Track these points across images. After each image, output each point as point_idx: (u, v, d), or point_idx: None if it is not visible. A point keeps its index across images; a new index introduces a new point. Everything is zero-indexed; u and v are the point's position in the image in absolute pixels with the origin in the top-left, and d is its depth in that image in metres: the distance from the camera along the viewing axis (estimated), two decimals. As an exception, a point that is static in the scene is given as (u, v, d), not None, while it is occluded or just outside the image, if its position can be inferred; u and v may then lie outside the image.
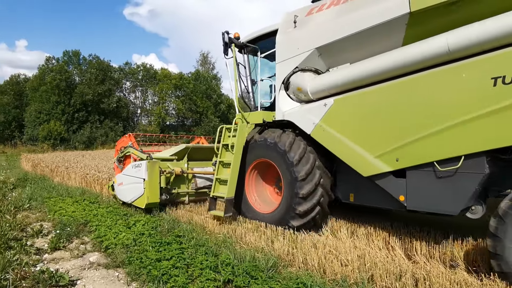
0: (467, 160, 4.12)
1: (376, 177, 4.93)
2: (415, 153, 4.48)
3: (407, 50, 4.57)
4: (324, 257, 4.31)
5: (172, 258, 4.30)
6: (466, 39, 4.03)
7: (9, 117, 35.86)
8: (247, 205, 6.42)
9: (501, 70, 3.81)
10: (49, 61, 36.19)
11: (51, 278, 3.80)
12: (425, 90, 4.38)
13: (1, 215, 6.41)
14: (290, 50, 5.95)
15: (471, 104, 4.02)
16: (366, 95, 4.96)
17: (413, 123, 4.48)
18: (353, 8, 5.19)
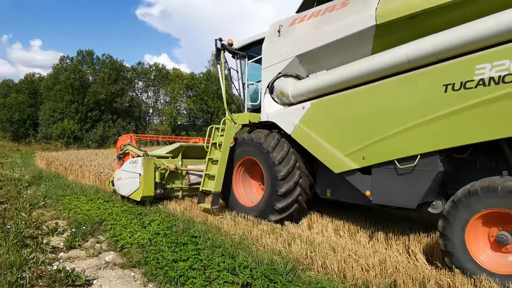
0: (422, 158, 4.59)
1: (346, 174, 5.43)
2: (378, 152, 4.98)
3: (373, 59, 5.08)
4: (343, 261, 4.20)
5: (189, 259, 4.24)
6: (422, 50, 4.51)
7: (23, 115, 36.42)
8: (234, 199, 6.99)
9: (451, 78, 4.26)
10: (63, 60, 36.69)
11: (68, 278, 3.76)
12: (387, 96, 4.89)
13: (17, 212, 6.44)
14: (274, 57, 6.52)
15: (425, 108, 4.50)
16: (338, 100, 5.51)
17: (376, 125, 4.97)
18: (329, 20, 5.72)
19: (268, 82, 6.63)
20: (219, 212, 6.68)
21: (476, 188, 3.93)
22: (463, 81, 4.19)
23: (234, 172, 7.00)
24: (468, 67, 4.17)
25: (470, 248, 3.95)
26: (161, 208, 7.10)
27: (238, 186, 7.06)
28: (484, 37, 4.08)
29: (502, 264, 3.82)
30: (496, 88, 3.98)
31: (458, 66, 4.26)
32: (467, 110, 4.17)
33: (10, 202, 7.43)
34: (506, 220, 3.85)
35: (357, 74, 5.25)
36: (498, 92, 3.96)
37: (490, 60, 4.03)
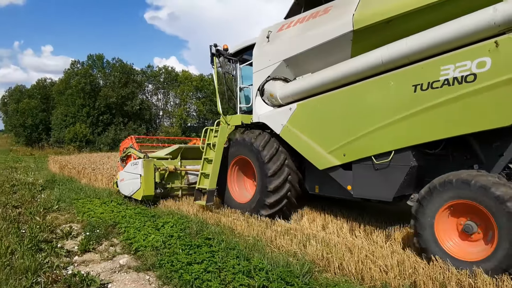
0: (396, 154, 4.95)
1: (329, 170, 5.81)
2: (357, 149, 5.36)
3: (351, 63, 5.43)
4: (361, 262, 4.11)
5: (203, 261, 4.19)
6: (395, 53, 4.82)
7: (36, 120, 36.88)
8: (228, 196, 7.42)
9: (419, 79, 4.59)
10: (74, 65, 37.11)
11: (82, 282, 3.75)
12: (363, 96, 5.25)
13: (31, 216, 6.48)
14: (264, 61, 6.89)
15: (396, 108, 4.83)
16: (320, 101, 5.88)
17: (355, 124, 5.34)
18: (312, 26, 6.11)
19: (258, 85, 6.97)
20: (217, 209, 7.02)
21: (452, 179, 4.20)
22: (430, 81, 4.53)
23: (229, 171, 7.43)
24: (434, 68, 4.50)
25: (438, 233, 4.29)
26: (174, 210, 7.08)
27: (232, 184, 7.47)
28: (448, 40, 4.40)
29: (467, 252, 4.14)
30: (459, 87, 4.31)
31: (425, 68, 4.58)
32: (434, 108, 4.51)
33: (25, 206, 7.48)
34: (474, 212, 4.13)
35: (337, 76, 5.60)
36: (461, 91, 4.29)
37: (454, 62, 4.35)
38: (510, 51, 4.01)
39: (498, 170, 4.58)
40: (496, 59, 4.08)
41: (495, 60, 4.09)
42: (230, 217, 6.45)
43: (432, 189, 4.35)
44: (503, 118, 4.11)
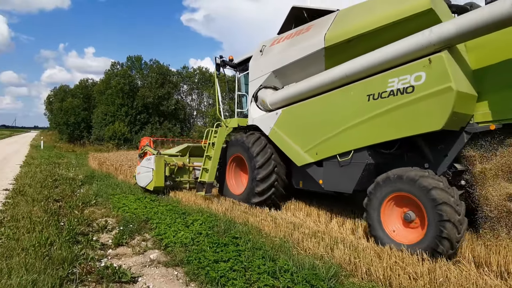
0: (355, 153, 5.93)
1: (306, 166, 6.84)
2: (326, 149, 6.37)
3: (323, 75, 6.42)
4: (389, 269, 4.01)
5: (230, 260, 4.25)
6: (354, 67, 5.79)
7: (78, 118, 38.61)
8: (226, 188, 8.66)
9: (372, 90, 5.51)
10: (114, 66, 38.51)
11: (114, 274, 3.91)
12: (330, 104, 6.27)
13: (70, 210, 6.82)
14: (257, 72, 8.06)
15: (355, 114, 5.78)
16: (299, 107, 6.95)
17: (324, 127, 6.35)
18: (296, 42, 7.14)
19: (253, 92, 8.13)
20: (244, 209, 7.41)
21: (390, 175, 5.09)
22: (379, 92, 5.42)
23: (227, 167, 8.67)
24: (383, 81, 5.39)
25: (384, 221, 5.12)
26: (204, 208, 7.21)
27: (230, 178, 8.69)
28: (394, 57, 5.27)
29: (407, 236, 4.94)
30: (401, 97, 5.16)
31: (376, 80, 5.49)
32: (382, 114, 5.39)
33: (65, 200, 7.88)
34: (411, 202, 4.92)
35: (312, 87, 6.63)
36: (403, 100, 5.14)
37: (398, 75, 5.23)
38: (439, 67, 4.80)
39: (444, 169, 5.35)
40: (429, 73, 4.90)
41: (428, 74, 4.91)
42: (257, 217, 6.48)
43: (376, 185, 5.21)
44: (434, 123, 4.87)
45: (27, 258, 4.01)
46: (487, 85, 5.19)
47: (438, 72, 4.81)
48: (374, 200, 5.22)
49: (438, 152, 5.45)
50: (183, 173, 9.74)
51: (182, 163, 9.49)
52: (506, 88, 4.94)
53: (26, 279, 3.45)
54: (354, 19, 6.12)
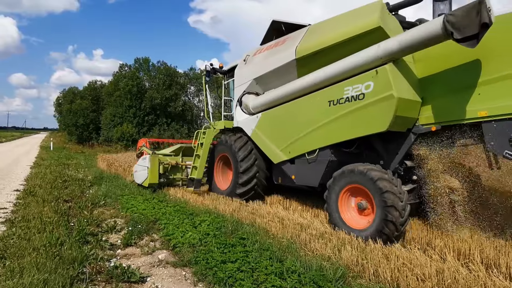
0: (320, 152, 6.81)
1: (281, 164, 7.73)
2: (297, 148, 7.21)
3: (295, 83, 7.22)
4: (397, 270, 4.00)
5: (237, 260, 4.27)
6: (319, 77, 6.63)
7: (87, 120, 39.02)
8: (214, 185, 9.61)
9: (332, 96, 6.36)
10: (122, 68, 38.81)
11: (124, 274, 3.96)
12: (300, 108, 7.10)
13: (80, 211, 6.91)
14: (241, 79, 8.95)
15: (319, 117, 6.61)
16: (275, 111, 7.85)
17: (295, 129, 7.20)
18: (274, 53, 8.04)
19: (238, 97, 8.97)
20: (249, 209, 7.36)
21: (344, 170, 5.89)
22: (338, 98, 6.26)
23: (215, 166, 9.58)
24: (340, 89, 6.23)
25: (341, 210, 5.90)
26: (211, 209, 7.25)
27: (218, 175, 9.61)
28: (349, 69, 6.10)
29: (359, 222, 5.70)
30: (354, 103, 6.00)
31: (335, 89, 6.34)
32: (339, 118, 6.25)
33: (74, 200, 7.98)
34: (363, 193, 5.66)
35: (285, 93, 7.47)
36: (355, 105, 5.98)
37: (352, 84, 6.06)
38: (384, 77, 5.59)
39: (395, 165, 6.15)
40: (376, 83, 5.69)
41: (375, 84, 5.70)
42: (265, 218, 6.51)
43: (334, 179, 6.02)
44: (380, 125, 5.65)
45: (38, 257, 4.07)
46: (429, 92, 5.92)
47: (383, 82, 5.60)
48: (332, 192, 6.02)
49: (390, 151, 6.26)
50: (176, 171, 10.54)
51: (175, 162, 10.35)
52: (444, 95, 5.70)
53: (38, 278, 3.51)
54: (320, 35, 6.99)
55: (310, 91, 6.87)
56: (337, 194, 5.94)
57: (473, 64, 5.34)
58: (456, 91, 5.53)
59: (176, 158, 10.66)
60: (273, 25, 8.78)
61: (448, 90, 5.65)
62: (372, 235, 5.22)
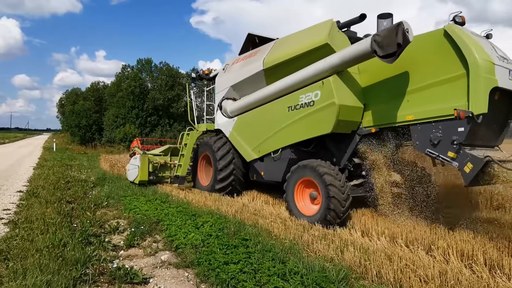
0: (282, 151, 7.93)
1: (252, 162, 8.88)
2: (265, 147, 8.30)
3: (263, 91, 8.25)
4: (400, 271, 3.99)
5: (240, 262, 4.27)
6: (280, 86, 7.66)
7: (90, 121, 39.09)
8: (198, 181, 10.59)
9: (290, 103, 7.40)
10: (125, 69, 38.88)
11: (126, 275, 3.96)
12: (267, 113, 8.17)
13: (83, 211, 6.92)
14: (221, 86, 10.01)
15: (281, 121, 7.66)
16: (248, 115, 8.91)
17: (263, 131, 8.27)
18: (247, 63, 9.05)
19: (218, 102, 10.02)
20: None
21: (299, 165, 6.98)
22: (294, 105, 7.30)
23: (198, 164, 10.60)
24: (296, 96, 7.27)
25: (296, 199, 7.00)
26: (214, 210, 7.25)
27: (201, 173, 10.61)
28: (304, 79, 7.10)
29: (310, 210, 6.79)
30: (307, 109, 7.05)
31: (293, 96, 7.38)
32: (295, 122, 7.30)
33: (77, 202, 8.00)
34: (313, 185, 6.71)
35: (256, 99, 8.50)
36: (307, 111, 7.03)
37: (305, 93, 7.10)
38: (328, 87, 6.62)
39: (345, 162, 7.06)
40: (323, 92, 6.73)
41: (322, 93, 6.73)
42: (267, 219, 6.50)
43: (291, 173, 7.13)
44: (325, 128, 6.65)
45: (41, 259, 4.08)
46: (370, 99, 6.82)
47: (327, 91, 6.62)
48: (290, 184, 7.10)
49: (340, 150, 7.18)
50: (165, 170, 11.40)
51: (164, 161, 11.24)
52: (382, 102, 6.58)
53: (41, 279, 3.52)
54: (283, 48, 7.98)
55: (274, 98, 7.90)
56: (293, 185, 7.03)
57: (404, 75, 6.21)
58: (390, 98, 6.38)
59: (165, 157, 11.50)
60: (249, 38, 9.80)
61: (385, 97, 6.53)
62: (318, 220, 6.30)
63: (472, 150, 5.49)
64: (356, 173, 7.12)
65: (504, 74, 5.58)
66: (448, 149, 5.55)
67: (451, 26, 5.67)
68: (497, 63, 5.47)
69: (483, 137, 5.84)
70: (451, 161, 5.52)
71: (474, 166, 5.17)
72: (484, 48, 5.51)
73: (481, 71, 5.27)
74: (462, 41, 5.43)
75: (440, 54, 5.74)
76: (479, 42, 5.55)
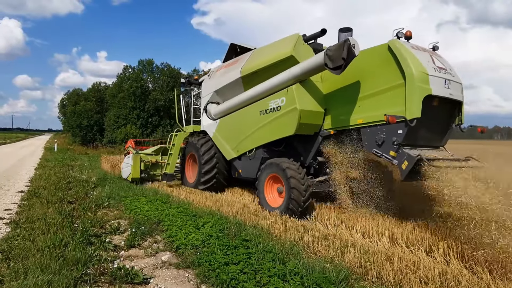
0: (256, 150, 8.81)
1: (232, 160, 9.75)
2: (242, 147, 9.15)
3: (241, 96, 9.17)
4: (400, 272, 4.00)
5: (240, 262, 4.27)
6: (255, 92, 8.60)
7: (91, 121, 39.15)
8: (185, 179, 11.40)
9: (262, 107, 8.32)
10: (126, 70, 38.89)
11: (127, 275, 3.97)
12: (243, 116, 9.07)
13: (84, 212, 6.93)
14: (206, 91, 10.97)
15: (254, 123, 8.56)
16: (228, 118, 9.81)
17: (240, 132, 9.15)
18: (228, 71, 9.88)
19: (204, 105, 10.94)
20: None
21: (267, 163, 7.85)
22: (265, 109, 8.25)
23: (186, 163, 11.43)
24: (267, 102, 8.22)
25: (266, 193, 7.84)
26: (214, 211, 7.26)
27: (188, 171, 11.43)
28: (273, 87, 8.05)
29: (277, 202, 7.57)
30: (275, 113, 7.98)
31: (264, 101, 8.32)
32: (266, 124, 8.22)
33: (78, 202, 8.02)
34: (279, 180, 7.50)
35: (235, 104, 9.43)
36: (275, 115, 7.96)
37: (273, 99, 8.03)
38: (291, 94, 7.55)
39: (310, 160, 7.98)
40: (287, 98, 7.65)
41: (287, 99, 7.66)
42: (268, 220, 6.51)
43: (261, 170, 7.97)
44: (289, 130, 7.58)
45: (42, 259, 4.10)
46: (330, 104, 7.67)
47: (291, 97, 7.54)
48: (260, 180, 7.91)
49: (306, 150, 8.08)
50: (157, 168, 12.20)
51: (155, 160, 12.12)
52: (339, 107, 7.44)
53: (42, 279, 3.53)
54: (257, 58, 8.79)
55: (250, 103, 8.81)
56: (263, 181, 7.85)
57: (357, 84, 7.04)
58: (346, 104, 7.22)
59: (156, 156, 12.39)
60: (232, 47, 10.66)
61: (341, 103, 7.36)
62: (283, 210, 7.09)
63: (412, 149, 6.20)
64: (321, 170, 7.96)
65: (440, 83, 6.23)
66: (390, 149, 6.35)
67: (393, 41, 6.38)
68: (431, 74, 6.14)
69: (426, 138, 6.62)
70: (392, 159, 6.31)
71: (409, 163, 5.93)
72: (421, 60, 6.17)
73: (416, 81, 5.98)
74: (401, 55, 6.19)
75: (385, 66, 6.51)
76: (416, 55, 6.23)
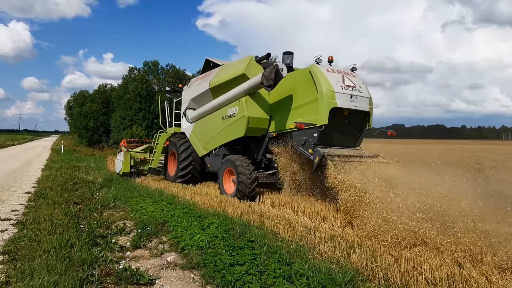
0: (219, 148, 10.91)
1: (203, 157, 11.69)
2: (209, 146, 11.16)
3: (210, 104, 11.08)
4: (407, 274, 3.96)
5: (245, 263, 4.26)
6: (219, 101, 10.58)
7: (97, 122, 39.30)
8: (167, 173, 13.22)
9: (223, 114, 10.43)
10: (132, 71, 38.99)
11: (133, 276, 3.96)
12: (210, 121, 11.15)
13: (90, 213, 6.96)
14: (185, 98, 12.89)
15: (218, 126, 10.64)
16: (200, 122, 11.80)
17: (208, 133, 11.15)
18: (201, 82, 11.90)
19: (183, 110, 12.80)
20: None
21: (225, 159, 9.92)
22: (225, 115, 10.25)
23: (168, 159, 13.28)
24: (226, 109, 10.22)
25: (224, 183, 9.85)
26: (220, 211, 7.25)
27: (170, 167, 13.21)
28: (231, 98, 10.04)
29: (231, 190, 9.42)
30: (231, 119, 10.02)
31: (224, 109, 10.31)
32: (225, 128, 10.27)
33: (84, 203, 8.05)
34: (233, 173, 9.32)
35: (205, 110, 11.37)
36: (231, 120, 10.02)
37: (231, 107, 10.04)
38: (242, 104, 9.59)
39: (260, 157, 9.96)
40: (239, 107, 9.68)
41: (239, 108, 9.70)
42: (273, 221, 6.49)
43: (221, 164, 9.98)
44: (240, 132, 9.64)
45: (48, 259, 4.11)
46: (273, 112, 9.59)
47: (242, 107, 9.57)
48: (220, 173, 9.87)
49: (257, 148, 10.08)
50: (145, 164, 14.02)
51: (144, 157, 14.04)
52: (279, 114, 9.34)
53: (48, 280, 3.54)
54: (221, 73, 10.77)
55: (215, 110, 10.81)
56: (222, 173, 9.84)
57: (290, 97, 8.99)
58: (283, 112, 9.13)
59: (145, 154, 14.29)
60: (207, 62, 12.92)
61: (280, 111, 9.26)
62: (235, 194, 9.07)
63: (327, 148, 7.94)
64: (270, 165, 9.77)
65: (345, 98, 8.12)
66: (309, 148, 8.15)
67: (312, 66, 8.34)
68: (338, 91, 8.00)
69: (340, 140, 8.54)
70: (310, 155, 8.02)
71: (318, 158, 7.68)
72: (330, 81, 8.05)
73: (324, 97, 7.95)
74: (316, 77, 8.14)
75: (307, 85, 8.39)
76: (328, 77, 8.11)
